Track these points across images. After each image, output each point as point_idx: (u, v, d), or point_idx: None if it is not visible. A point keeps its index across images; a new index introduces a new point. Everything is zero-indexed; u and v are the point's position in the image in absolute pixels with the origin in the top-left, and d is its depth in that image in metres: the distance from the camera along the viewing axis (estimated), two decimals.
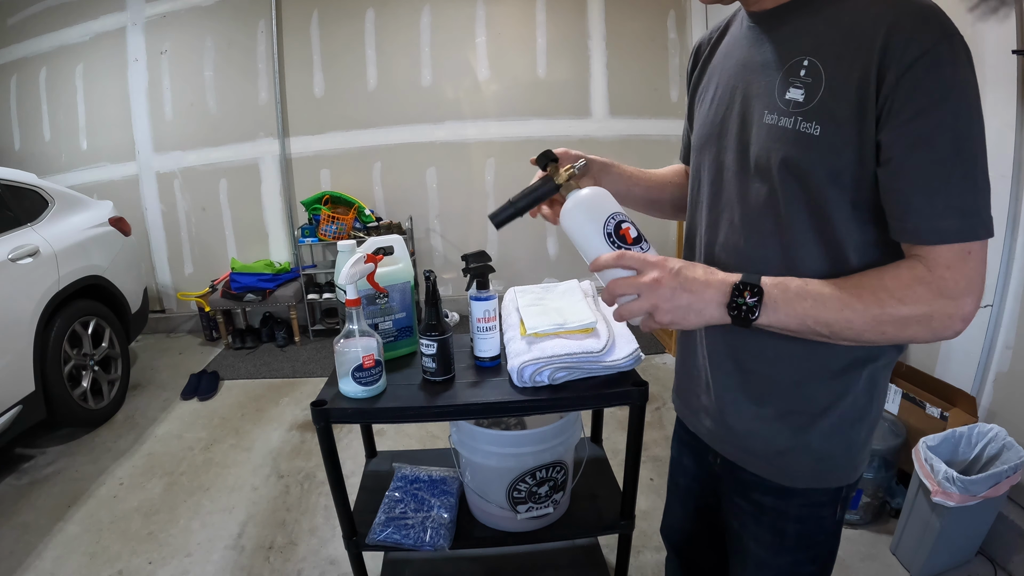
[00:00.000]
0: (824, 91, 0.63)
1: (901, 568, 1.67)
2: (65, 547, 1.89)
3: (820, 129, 0.63)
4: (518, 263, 3.97)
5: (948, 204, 0.58)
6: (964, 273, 0.60)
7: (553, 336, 1.09)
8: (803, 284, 0.65)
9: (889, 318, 0.62)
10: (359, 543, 1.19)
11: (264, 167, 3.81)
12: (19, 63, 3.71)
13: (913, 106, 0.57)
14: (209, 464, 2.35)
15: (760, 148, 0.69)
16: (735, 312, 0.66)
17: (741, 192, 0.73)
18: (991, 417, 1.77)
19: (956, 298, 0.60)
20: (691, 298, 0.67)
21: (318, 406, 1.05)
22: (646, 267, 0.68)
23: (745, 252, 0.73)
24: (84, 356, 2.62)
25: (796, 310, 0.64)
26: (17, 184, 2.53)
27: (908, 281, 0.61)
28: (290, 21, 3.61)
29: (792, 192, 0.67)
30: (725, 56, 0.79)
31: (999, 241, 1.71)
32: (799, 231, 0.68)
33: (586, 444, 1.51)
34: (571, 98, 3.74)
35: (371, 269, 1.11)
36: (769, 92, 0.68)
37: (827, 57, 0.63)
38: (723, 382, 0.82)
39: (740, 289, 0.66)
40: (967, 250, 0.59)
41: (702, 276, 0.68)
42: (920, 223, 0.60)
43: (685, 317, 0.67)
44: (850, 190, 0.64)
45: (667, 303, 0.67)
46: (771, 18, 0.70)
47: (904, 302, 0.61)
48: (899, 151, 0.59)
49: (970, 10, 1.73)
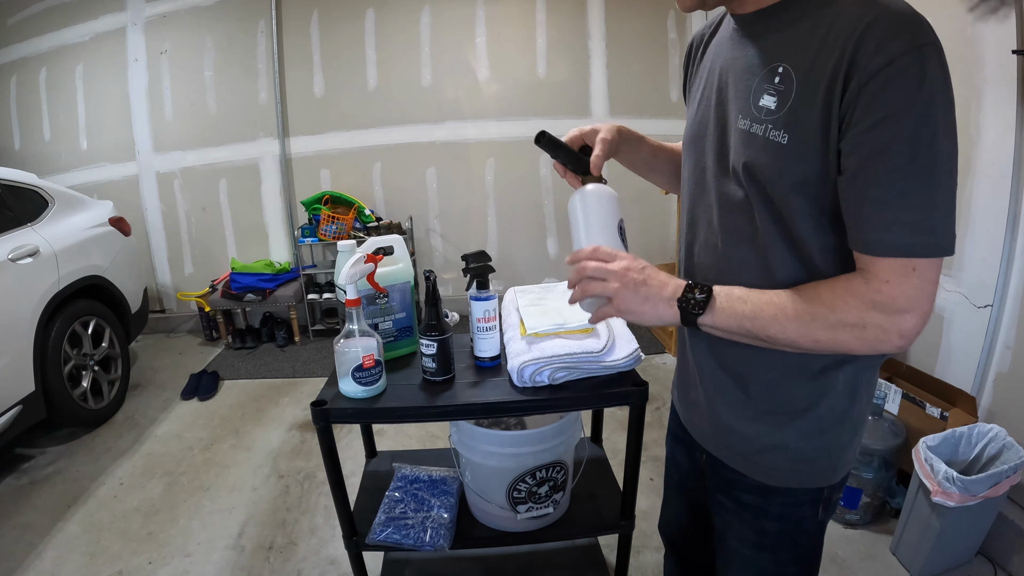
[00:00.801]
0: (794, 99, 0.63)
1: (901, 568, 1.67)
2: (65, 547, 1.89)
3: (788, 138, 0.63)
4: (518, 263, 3.97)
5: (898, 217, 0.58)
6: (903, 289, 0.59)
7: (553, 336, 1.09)
8: (747, 291, 0.68)
9: (820, 326, 0.63)
10: (359, 543, 1.19)
11: (264, 167, 3.81)
12: (19, 63, 3.71)
13: (872, 115, 0.56)
14: (209, 464, 2.35)
15: (734, 153, 0.70)
16: (683, 305, 0.69)
17: (719, 194, 0.75)
18: (991, 417, 1.77)
19: (892, 313, 0.60)
20: (648, 290, 0.70)
21: (318, 406, 1.05)
22: (618, 258, 0.72)
23: (723, 253, 0.75)
24: (84, 356, 2.62)
25: (736, 311, 0.67)
26: (17, 184, 2.53)
27: (841, 292, 0.63)
28: (290, 21, 3.61)
29: (762, 198, 0.68)
30: (713, 56, 0.79)
31: (999, 241, 1.71)
32: (771, 236, 0.69)
33: (586, 444, 1.51)
34: (571, 98, 3.74)
35: (371, 269, 1.11)
36: (745, 97, 0.69)
37: (800, 65, 0.63)
38: (708, 379, 0.83)
39: (691, 287, 0.70)
40: (911, 266, 0.59)
41: (665, 276, 0.72)
42: (869, 233, 0.60)
43: (641, 307, 0.70)
44: (817, 198, 0.64)
45: (628, 291, 0.70)
46: (753, 22, 0.70)
47: (835, 311, 0.62)
48: (855, 160, 0.59)
49: (970, 10, 1.73)
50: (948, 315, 1.92)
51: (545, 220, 3.93)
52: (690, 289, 0.69)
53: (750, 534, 0.84)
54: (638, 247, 3.98)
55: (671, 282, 0.71)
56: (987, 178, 1.75)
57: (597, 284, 0.71)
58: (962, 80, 1.78)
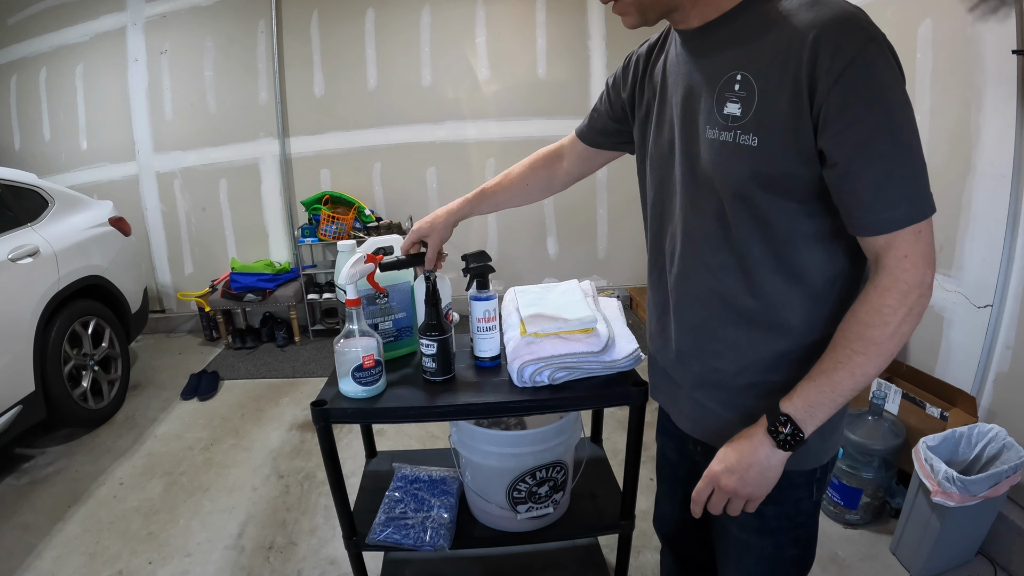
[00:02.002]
0: (758, 103, 0.66)
1: (901, 568, 1.67)
2: (65, 547, 1.89)
3: (758, 140, 0.67)
4: (518, 263, 3.97)
5: (898, 194, 0.63)
6: (919, 252, 0.65)
7: (553, 336, 1.09)
8: (813, 383, 0.70)
9: (886, 340, 0.66)
10: (359, 543, 1.20)
11: (264, 167, 3.81)
12: (19, 63, 3.71)
13: (849, 113, 0.61)
14: (209, 464, 2.35)
15: (705, 162, 0.73)
16: (787, 446, 0.72)
17: (692, 206, 0.78)
18: (991, 417, 1.77)
19: (919, 282, 0.65)
20: (755, 470, 0.73)
21: (318, 406, 1.05)
22: (709, 480, 0.77)
23: (701, 261, 0.79)
24: (84, 356, 2.62)
25: (826, 405, 0.70)
26: (17, 184, 2.53)
27: (877, 303, 0.66)
28: (290, 21, 3.61)
29: (738, 202, 0.71)
30: (669, 74, 0.81)
31: (999, 241, 1.71)
32: (747, 237, 0.73)
33: (586, 444, 1.51)
34: (571, 98, 3.74)
35: (371, 269, 1.11)
36: (709, 108, 0.71)
37: (758, 70, 0.66)
38: (694, 371, 0.85)
39: (774, 428, 0.72)
40: (917, 231, 0.64)
41: (743, 446, 0.74)
42: (875, 216, 0.65)
43: (763, 478, 0.74)
44: (792, 192, 0.68)
45: (744, 488, 0.74)
46: (700, 36, 0.73)
47: (886, 322, 0.66)
48: (844, 156, 0.63)
49: (970, 10, 1.72)
50: (948, 315, 1.92)
51: (545, 220, 3.93)
52: (775, 432, 0.71)
53: (750, 519, 0.85)
54: (639, 248, 3.99)
55: (753, 439, 0.73)
56: (987, 178, 1.75)
57: (731, 505, 0.77)
58: (962, 80, 1.78)
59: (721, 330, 0.80)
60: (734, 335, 0.79)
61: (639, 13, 0.73)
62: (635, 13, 0.74)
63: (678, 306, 0.85)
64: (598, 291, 1.32)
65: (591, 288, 1.29)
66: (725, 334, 0.80)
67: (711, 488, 0.77)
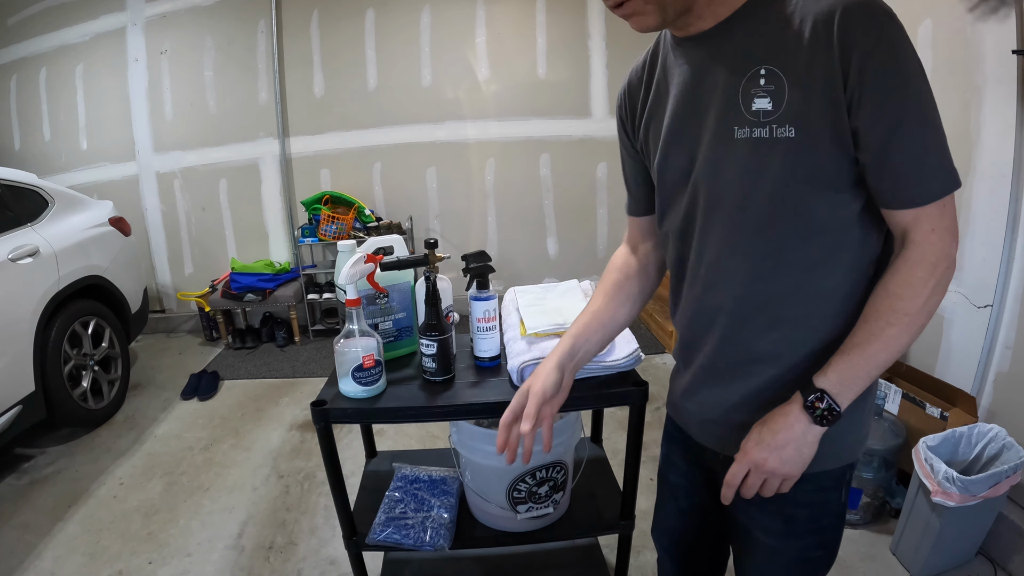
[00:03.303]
0: (790, 94, 0.65)
1: (901, 568, 1.67)
2: (65, 547, 1.89)
3: (795, 131, 0.66)
4: (518, 263, 3.97)
5: (933, 166, 0.64)
6: (945, 226, 0.66)
7: (553, 336, 1.09)
8: (847, 356, 0.70)
9: (916, 312, 0.67)
10: (359, 543, 1.20)
11: (264, 167, 3.81)
12: (19, 63, 3.71)
13: (882, 90, 0.62)
14: (209, 464, 2.35)
15: (737, 164, 0.71)
16: (824, 421, 0.71)
17: (726, 214, 0.74)
18: (991, 417, 1.77)
19: (946, 254, 0.67)
20: (791, 447, 0.72)
21: (318, 406, 1.05)
22: (744, 462, 0.75)
23: (734, 269, 0.75)
24: (84, 356, 2.62)
25: (860, 378, 0.70)
26: (17, 184, 2.53)
27: (908, 275, 0.67)
28: (290, 21, 3.61)
29: (777, 199, 0.69)
30: (668, 88, 0.77)
31: (999, 241, 1.71)
32: (789, 235, 0.71)
33: (586, 444, 1.51)
34: (571, 98, 3.74)
35: (371, 269, 1.11)
36: (733, 108, 0.69)
37: (784, 61, 0.66)
38: (734, 383, 0.81)
39: (811, 404, 0.70)
40: (942, 204, 0.66)
41: (778, 423, 0.73)
42: (912, 189, 0.65)
43: (799, 455, 0.72)
44: (831, 180, 0.68)
45: (782, 466, 0.73)
46: (712, 37, 0.71)
47: (918, 292, 0.67)
48: (880, 133, 0.63)
49: (970, 10, 1.72)
50: (948, 315, 1.92)
51: (545, 220, 3.93)
52: (811, 407, 0.70)
53: (776, 524, 0.84)
54: None
55: (789, 415, 0.72)
56: (987, 178, 1.75)
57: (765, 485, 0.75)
58: (962, 80, 1.78)
59: (757, 337, 0.77)
60: (772, 341, 0.76)
61: (660, 11, 0.69)
62: (655, 12, 0.69)
63: (709, 320, 0.81)
64: None
65: (591, 288, 1.29)
66: (762, 341, 0.77)
67: (746, 469, 0.75)
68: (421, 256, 1.13)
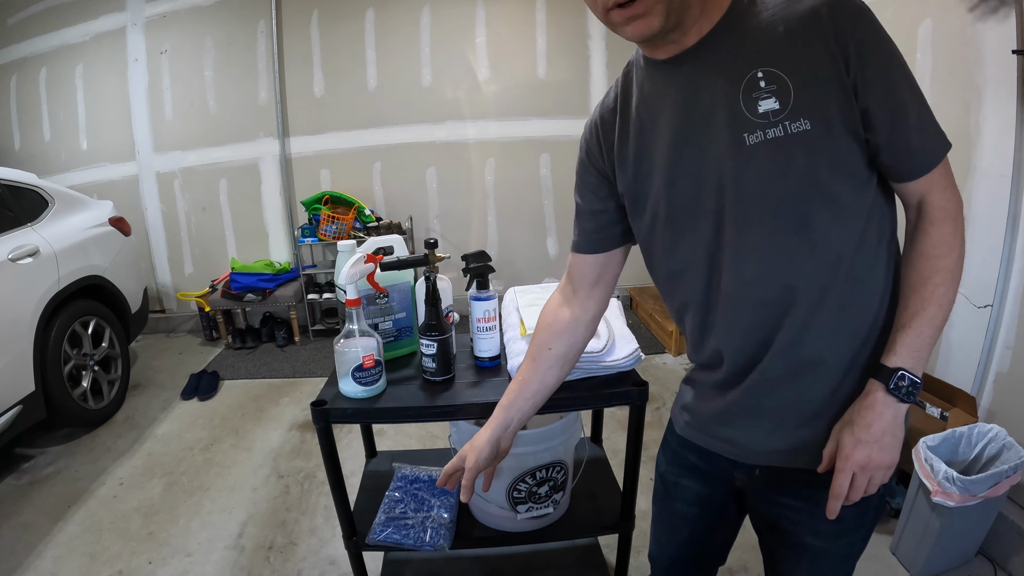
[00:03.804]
0: (795, 90, 0.66)
1: (901, 568, 1.67)
2: (65, 547, 1.89)
3: (810, 123, 0.67)
4: (518, 263, 3.97)
5: (932, 129, 0.69)
6: (948, 180, 0.71)
7: None
8: (910, 329, 0.71)
9: (955, 264, 0.71)
10: (359, 543, 1.20)
11: (264, 167, 3.81)
12: (19, 63, 3.71)
13: (879, 68, 0.66)
14: (209, 464, 2.35)
15: (759, 168, 0.68)
16: (911, 396, 0.72)
17: (751, 226, 0.72)
18: (991, 417, 1.77)
19: (958, 204, 0.72)
20: (888, 434, 0.73)
21: (318, 406, 1.05)
22: (848, 467, 0.74)
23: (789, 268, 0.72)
24: (84, 356, 2.62)
25: (927, 344, 0.72)
26: (17, 184, 2.53)
27: (938, 235, 0.71)
28: (290, 21, 3.61)
29: (805, 195, 0.69)
30: (666, 113, 0.74)
31: (999, 241, 1.71)
32: (824, 229, 0.70)
33: (586, 444, 1.51)
34: (571, 98, 3.74)
35: (371, 269, 1.11)
36: (739, 117, 0.68)
37: (780, 60, 0.66)
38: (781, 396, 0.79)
39: (894, 386, 0.71)
40: (944, 163, 0.71)
41: (868, 416, 0.73)
42: (922, 157, 0.70)
43: (897, 439, 0.74)
44: (851, 166, 0.69)
45: (887, 455, 0.74)
46: (696, 54, 0.71)
47: (952, 247, 0.71)
48: (888, 111, 0.67)
49: (970, 10, 1.72)
50: None
51: (545, 220, 3.93)
52: (896, 388, 0.71)
53: (827, 526, 0.81)
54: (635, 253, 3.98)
55: (880, 402, 0.72)
56: (987, 178, 1.75)
57: (871, 483, 0.75)
58: (962, 80, 1.78)
59: (796, 339, 0.74)
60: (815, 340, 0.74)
61: (665, 15, 0.66)
62: (662, 14, 0.66)
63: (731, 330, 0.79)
64: None
65: None
66: (803, 342, 0.74)
67: (851, 474, 0.74)
68: (421, 256, 1.13)
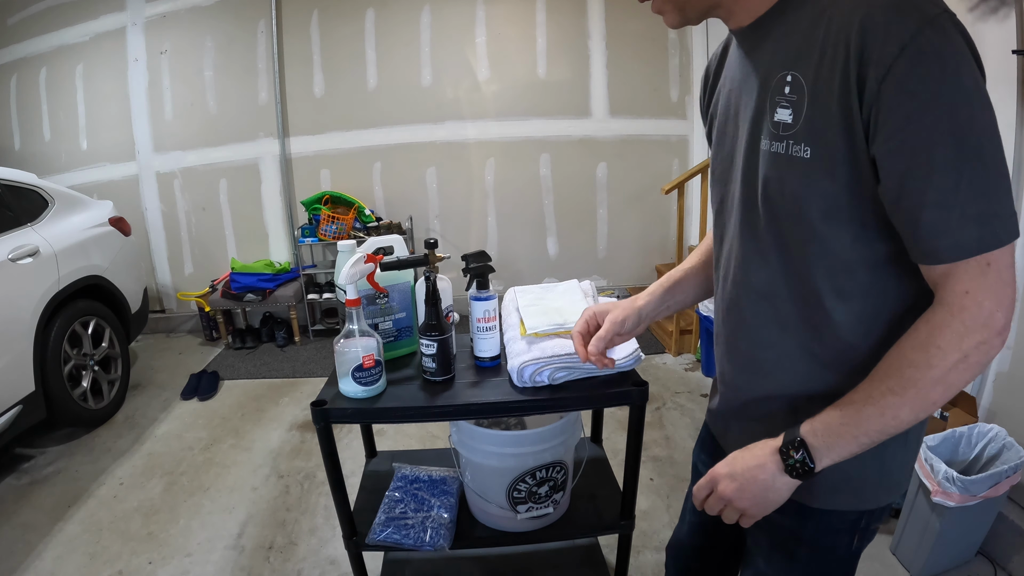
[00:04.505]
0: (808, 108, 0.58)
1: (901, 568, 1.67)
2: (65, 547, 1.89)
3: (810, 151, 0.58)
4: (518, 263, 3.97)
5: (962, 214, 0.52)
6: (988, 287, 0.54)
7: (553, 336, 1.09)
8: (839, 411, 0.61)
9: (929, 385, 0.57)
10: (359, 543, 1.20)
11: (264, 167, 3.81)
12: (19, 63, 3.71)
13: (901, 111, 0.51)
14: (209, 464, 2.35)
15: (762, 178, 0.65)
16: (795, 473, 0.64)
17: (748, 225, 0.70)
18: (991, 417, 1.77)
19: (983, 324, 0.54)
20: (756, 486, 0.66)
21: (318, 406, 1.05)
22: (710, 479, 0.71)
23: (754, 284, 0.71)
24: (84, 356, 2.61)
25: (846, 439, 0.61)
26: (17, 184, 2.53)
27: (926, 340, 0.56)
28: (290, 21, 3.61)
29: (794, 223, 0.63)
30: (725, 82, 0.75)
31: None
32: (804, 263, 0.64)
33: (586, 444, 1.51)
34: (571, 98, 3.74)
35: (371, 269, 1.11)
36: (761, 116, 0.64)
37: (807, 68, 0.58)
38: (745, 403, 0.79)
39: (786, 450, 0.64)
40: (986, 262, 0.53)
41: (753, 457, 0.67)
42: (937, 241, 0.54)
43: (766, 500, 0.67)
44: (853, 212, 0.59)
45: (742, 499, 0.68)
46: (752, 34, 0.66)
47: (933, 365, 0.56)
48: (897, 165, 0.53)
49: (970, 10, 1.73)
50: None
51: (545, 220, 3.93)
52: (786, 454, 0.64)
53: (778, 556, 0.80)
54: (639, 248, 3.99)
55: (760, 457, 0.66)
56: None
57: (726, 512, 0.71)
58: None
59: (772, 362, 0.72)
60: (786, 367, 0.71)
61: (678, 11, 0.66)
62: (673, 11, 0.66)
63: (730, 333, 0.78)
64: (598, 291, 1.32)
65: (591, 288, 1.29)
66: (776, 366, 0.72)
67: (710, 488, 0.71)
68: (421, 256, 1.13)
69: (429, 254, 1.13)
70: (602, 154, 3.82)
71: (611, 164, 3.83)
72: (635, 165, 3.83)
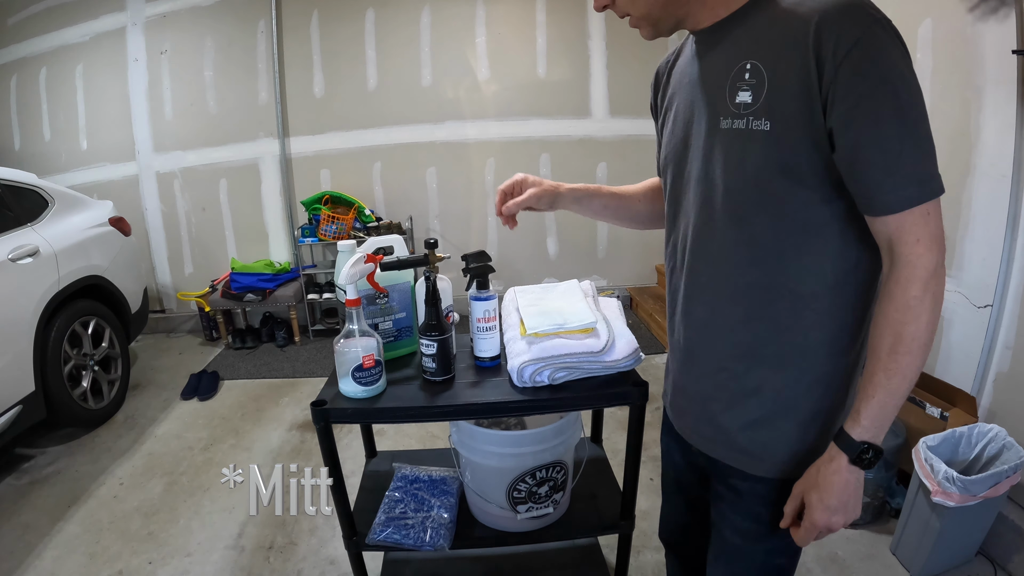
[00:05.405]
0: (768, 89, 0.68)
1: (901, 568, 1.67)
2: (65, 547, 1.89)
3: (770, 124, 0.68)
4: (518, 263, 3.97)
5: (907, 173, 0.65)
6: (930, 234, 0.66)
7: (553, 336, 1.09)
8: (874, 399, 0.71)
9: (923, 332, 0.68)
10: (359, 543, 1.20)
11: (264, 167, 3.81)
12: (19, 63, 3.71)
13: (855, 93, 0.63)
14: (209, 464, 2.35)
15: (721, 153, 0.75)
16: (873, 465, 0.73)
17: (706, 199, 0.78)
18: (991, 417, 1.77)
19: (936, 264, 0.67)
20: (853, 499, 0.75)
21: (318, 406, 1.05)
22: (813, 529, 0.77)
23: (713, 253, 0.79)
24: (84, 356, 2.61)
25: (891, 414, 0.73)
26: (17, 184, 2.53)
27: (903, 298, 0.67)
28: (290, 21, 3.61)
29: (752, 191, 0.72)
30: (680, 76, 0.85)
31: (999, 241, 1.71)
32: (761, 229, 0.73)
33: (586, 444, 1.51)
34: (571, 98, 3.74)
35: (371, 269, 1.11)
36: (722, 99, 0.74)
37: (766, 57, 0.69)
38: (704, 373, 0.85)
39: (859, 457, 0.72)
40: (926, 211, 0.66)
41: (834, 484, 0.74)
42: (886, 196, 0.66)
43: (859, 499, 0.76)
44: (807, 178, 0.69)
45: (850, 517, 0.76)
46: (712, 33, 0.76)
47: (919, 314, 0.67)
48: (851, 136, 0.64)
49: (970, 10, 1.72)
50: (948, 315, 1.92)
51: (545, 220, 3.93)
52: (859, 460, 0.72)
53: (745, 523, 0.86)
54: (639, 248, 3.99)
55: (839, 471, 0.73)
56: (987, 178, 1.75)
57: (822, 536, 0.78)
58: (962, 80, 1.78)
59: (730, 327, 0.79)
60: (744, 332, 0.78)
61: (651, 26, 0.78)
62: (648, 27, 0.78)
63: (687, 303, 0.85)
64: (598, 291, 1.32)
65: (591, 288, 1.29)
66: (735, 331, 0.79)
67: (816, 533, 0.77)
68: (421, 256, 1.13)
69: (429, 254, 1.13)
70: (602, 154, 3.82)
71: (611, 164, 3.83)
72: (635, 165, 3.83)
